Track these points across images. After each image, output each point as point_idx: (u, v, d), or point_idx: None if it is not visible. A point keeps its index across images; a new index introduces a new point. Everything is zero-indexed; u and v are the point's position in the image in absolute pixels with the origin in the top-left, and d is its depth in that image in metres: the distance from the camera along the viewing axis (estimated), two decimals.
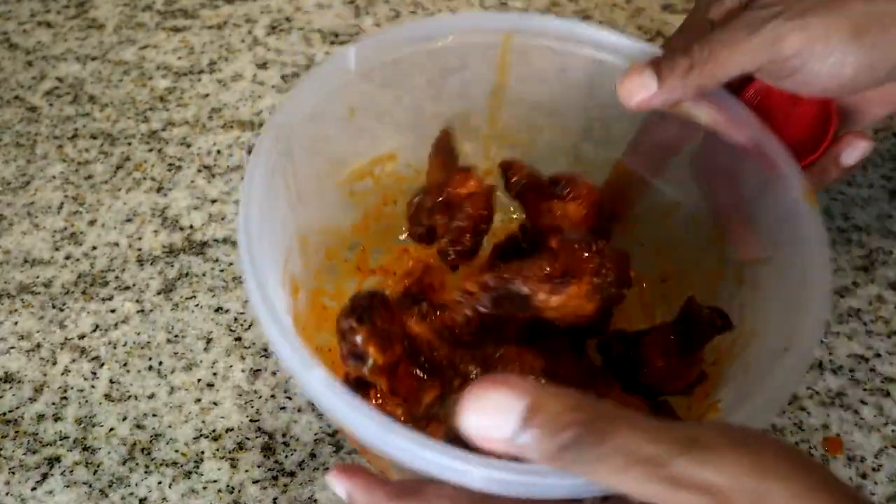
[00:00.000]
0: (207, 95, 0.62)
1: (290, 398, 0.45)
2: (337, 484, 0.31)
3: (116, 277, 0.50)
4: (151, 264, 0.51)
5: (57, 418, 0.44)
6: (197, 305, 0.49)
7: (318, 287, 0.43)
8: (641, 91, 0.37)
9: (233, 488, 0.41)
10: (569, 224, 0.42)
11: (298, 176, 0.39)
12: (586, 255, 0.37)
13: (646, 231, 0.46)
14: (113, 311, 0.49)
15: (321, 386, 0.29)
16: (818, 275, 0.35)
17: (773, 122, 0.40)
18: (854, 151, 0.41)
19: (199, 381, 0.45)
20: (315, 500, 0.41)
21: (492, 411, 0.25)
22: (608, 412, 0.25)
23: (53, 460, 0.42)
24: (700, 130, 0.41)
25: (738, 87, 0.41)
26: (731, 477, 0.23)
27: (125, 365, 0.46)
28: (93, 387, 0.45)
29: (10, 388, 0.45)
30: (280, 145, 0.37)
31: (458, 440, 0.26)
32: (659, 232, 0.45)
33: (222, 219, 0.53)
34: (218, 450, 0.43)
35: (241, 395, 0.45)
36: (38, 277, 0.50)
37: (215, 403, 0.44)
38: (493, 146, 0.47)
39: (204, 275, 0.50)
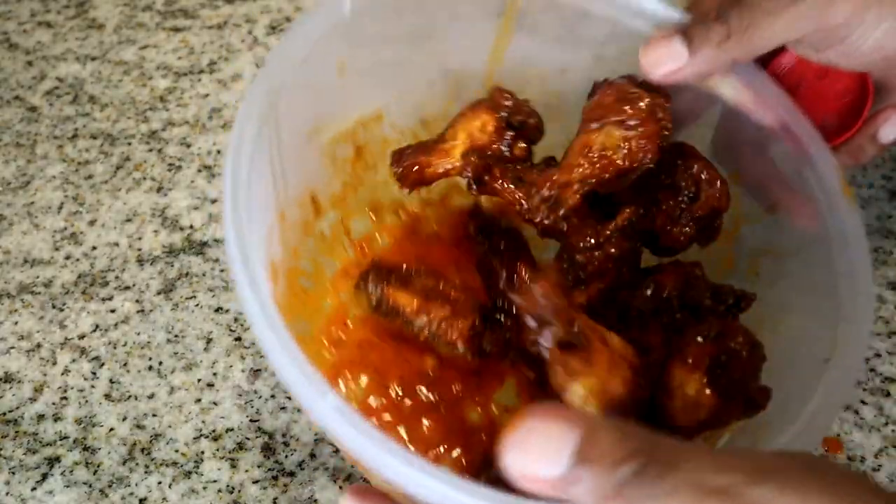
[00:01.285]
0: (207, 95, 0.62)
1: (289, 398, 0.45)
2: None
3: (116, 277, 0.50)
4: (151, 264, 0.51)
5: (57, 418, 0.44)
6: (197, 305, 0.49)
7: (294, 266, 0.40)
8: (669, 61, 0.34)
9: (233, 488, 0.41)
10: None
11: (283, 141, 0.36)
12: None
13: None
14: (113, 311, 0.49)
15: (335, 414, 0.26)
16: (859, 275, 0.32)
17: (802, 96, 0.37)
18: (893, 127, 0.38)
19: (199, 381, 0.45)
20: (315, 500, 0.41)
21: (539, 448, 0.22)
22: (669, 442, 0.22)
23: (53, 460, 0.42)
24: (716, 101, 0.37)
25: (765, 58, 0.38)
26: None
27: (125, 365, 0.46)
28: (93, 387, 0.45)
29: (10, 388, 0.45)
30: (267, 108, 0.34)
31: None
32: None
33: (222, 219, 0.53)
34: (218, 450, 0.43)
35: (241, 395, 0.45)
36: (38, 277, 0.50)
37: (215, 403, 0.44)
38: None
39: (204, 275, 0.50)
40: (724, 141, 0.40)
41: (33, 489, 0.41)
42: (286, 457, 0.42)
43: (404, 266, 0.38)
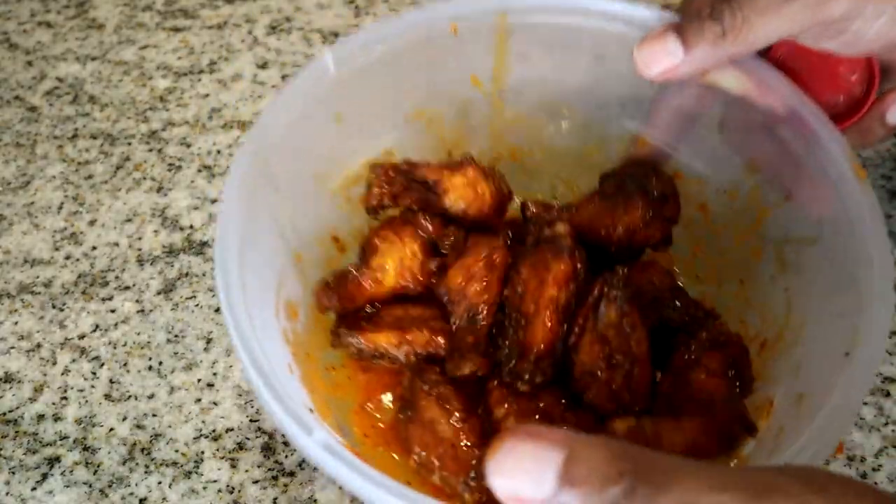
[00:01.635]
0: (207, 95, 0.62)
1: None
2: None
3: (116, 277, 0.50)
4: (151, 264, 0.51)
5: (57, 418, 0.44)
6: (197, 305, 0.49)
7: None
8: (664, 59, 0.33)
9: (233, 488, 0.41)
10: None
11: (284, 195, 0.38)
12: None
13: None
14: (113, 311, 0.49)
15: (321, 450, 0.28)
16: (877, 264, 0.30)
17: (807, 78, 0.36)
18: None
19: (199, 381, 0.45)
20: (315, 500, 0.41)
21: (523, 469, 0.22)
22: (661, 459, 0.22)
23: (53, 460, 0.42)
24: (723, 93, 0.37)
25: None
26: None
27: (125, 365, 0.46)
28: (93, 387, 0.45)
29: (10, 388, 0.45)
30: (257, 169, 0.35)
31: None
32: (688, 208, 0.42)
33: None
34: (218, 450, 0.43)
35: (241, 395, 0.45)
36: (38, 277, 0.50)
37: (215, 403, 0.44)
38: (501, 137, 0.45)
39: (204, 275, 0.50)
40: (734, 129, 0.39)
41: (33, 489, 0.41)
42: (286, 457, 0.42)
43: (366, 309, 0.40)
